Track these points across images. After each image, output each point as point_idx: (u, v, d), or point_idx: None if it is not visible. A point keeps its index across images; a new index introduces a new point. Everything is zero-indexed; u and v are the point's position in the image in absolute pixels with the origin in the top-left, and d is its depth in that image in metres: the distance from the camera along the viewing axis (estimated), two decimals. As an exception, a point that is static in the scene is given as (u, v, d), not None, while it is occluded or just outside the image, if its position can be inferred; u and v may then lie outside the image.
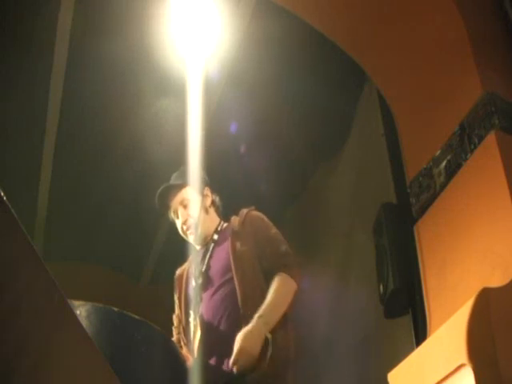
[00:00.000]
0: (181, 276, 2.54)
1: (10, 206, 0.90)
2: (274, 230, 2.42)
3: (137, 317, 1.82)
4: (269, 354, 2.11)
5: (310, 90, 3.77)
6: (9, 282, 0.89)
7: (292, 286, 2.26)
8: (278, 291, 2.21)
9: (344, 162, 4.20)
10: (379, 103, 3.47)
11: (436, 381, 2.18)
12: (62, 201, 4.69)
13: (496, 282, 2.15)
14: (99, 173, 4.46)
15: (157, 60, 3.58)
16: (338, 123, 4.14)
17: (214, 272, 2.35)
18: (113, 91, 3.84)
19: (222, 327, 2.23)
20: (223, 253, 2.37)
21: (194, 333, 2.28)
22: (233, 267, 2.27)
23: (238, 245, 2.32)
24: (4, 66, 3.59)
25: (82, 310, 1.70)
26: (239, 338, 2.07)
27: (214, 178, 2.62)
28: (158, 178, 2.58)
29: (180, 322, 2.45)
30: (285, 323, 2.24)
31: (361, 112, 4.01)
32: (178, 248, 2.61)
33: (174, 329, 2.49)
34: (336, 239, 4.11)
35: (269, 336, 2.12)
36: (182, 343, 2.38)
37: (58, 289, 1.04)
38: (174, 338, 2.43)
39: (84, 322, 1.62)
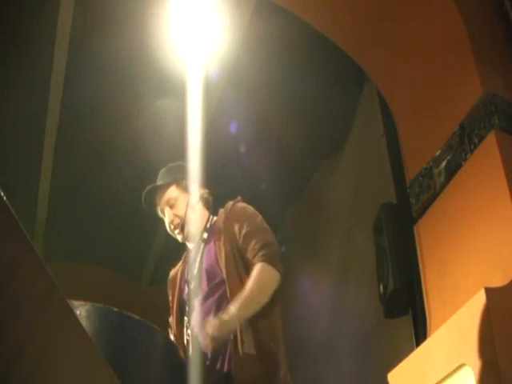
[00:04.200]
0: (174, 278, 2.49)
1: (10, 205, 0.90)
2: (257, 221, 2.35)
3: (137, 317, 1.82)
4: (246, 341, 2.06)
5: (310, 90, 3.77)
6: (8, 282, 0.89)
7: (273, 274, 2.17)
8: (256, 281, 2.13)
9: (344, 162, 4.20)
10: (379, 103, 3.47)
11: (436, 381, 2.18)
12: (62, 201, 4.69)
13: (496, 282, 2.15)
14: (99, 173, 4.46)
15: (157, 60, 3.58)
16: (338, 123, 4.14)
17: (204, 277, 2.32)
18: (113, 91, 3.84)
19: None
20: (211, 255, 2.33)
21: (187, 342, 2.25)
22: (223, 272, 2.23)
23: (224, 246, 2.27)
24: (4, 66, 3.59)
25: (81, 310, 1.70)
26: (208, 325, 2.00)
27: (214, 177, 2.62)
28: (158, 178, 2.57)
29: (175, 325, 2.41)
30: (269, 314, 2.17)
31: (361, 112, 4.01)
32: (178, 248, 2.60)
33: (169, 330, 2.44)
34: (336, 239, 4.11)
35: (241, 326, 2.07)
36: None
37: (57, 289, 1.04)
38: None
39: (84, 322, 1.62)
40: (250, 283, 2.14)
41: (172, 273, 2.55)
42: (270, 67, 3.71)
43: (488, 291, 2.04)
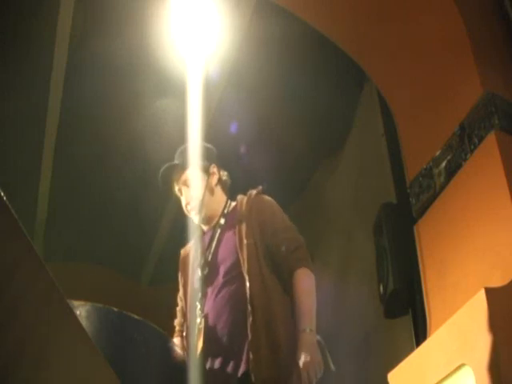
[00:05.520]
0: (185, 259, 2.40)
1: (10, 205, 0.90)
2: (284, 219, 2.30)
3: (136, 317, 1.82)
4: (327, 353, 2.12)
5: (310, 90, 3.77)
6: (8, 282, 0.89)
7: (313, 279, 2.20)
8: (308, 293, 2.17)
9: (344, 161, 4.20)
10: (379, 103, 3.47)
11: (436, 381, 2.18)
12: (62, 201, 4.69)
13: (496, 282, 2.15)
14: (99, 173, 4.46)
15: (157, 60, 3.58)
16: (338, 123, 4.14)
17: (219, 265, 2.25)
18: (112, 91, 3.84)
19: (226, 329, 2.16)
20: (229, 244, 2.25)
21: (199, 331, 2.21)
22: (244, 265, 2.15)
23: (246, 238, 2.19)
24: (4, 66, 3.59)
25: (81, 310, 1.70)
26: (302, 358, 2.03)
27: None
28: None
29: (184, 308, 2.37)
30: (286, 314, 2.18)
31: (361, 112, 4.02)
32: (178, 248, 2.60)
33: (177, 310, 2.41)
34: (336, 239, 4.11)
35: (319, 338, 2.11)
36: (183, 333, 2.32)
37: (57, 289, 1.04)
38: (177, 322, 2.37)
39: (84, 322, 1.62)
40: (303, 298, 2.16)
41: (183, 252, 2.46)
42: (270, 67, 3.71)
43: (488, 291, 2.04)
